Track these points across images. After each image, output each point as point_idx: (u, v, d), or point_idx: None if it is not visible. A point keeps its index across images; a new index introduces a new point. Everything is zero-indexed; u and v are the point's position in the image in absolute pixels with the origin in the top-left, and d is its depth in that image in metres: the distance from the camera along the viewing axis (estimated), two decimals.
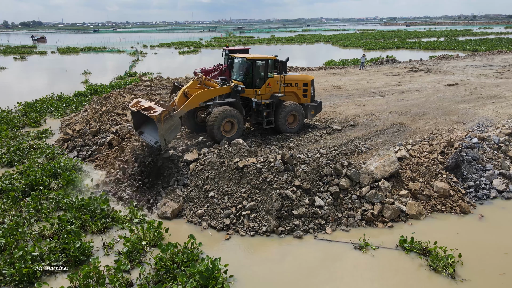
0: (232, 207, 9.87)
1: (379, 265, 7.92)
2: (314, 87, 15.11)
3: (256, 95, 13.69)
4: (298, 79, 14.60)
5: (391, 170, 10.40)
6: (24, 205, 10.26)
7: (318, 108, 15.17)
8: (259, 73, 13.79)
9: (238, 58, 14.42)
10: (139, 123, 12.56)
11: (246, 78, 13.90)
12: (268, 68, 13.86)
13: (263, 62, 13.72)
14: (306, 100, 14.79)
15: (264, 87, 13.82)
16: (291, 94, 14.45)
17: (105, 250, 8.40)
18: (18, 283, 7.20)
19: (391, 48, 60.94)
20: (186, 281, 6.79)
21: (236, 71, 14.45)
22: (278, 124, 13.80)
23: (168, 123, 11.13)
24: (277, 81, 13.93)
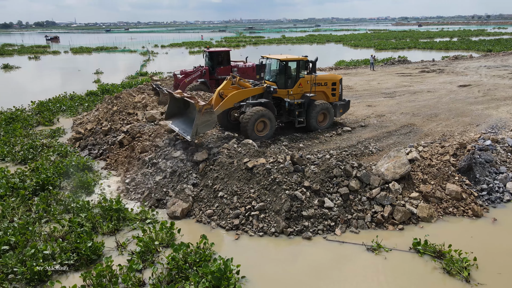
0: (241, 207, 9.88)
1: (392, 268, 7.84)
2: (342, 86, 15.49)
3: (288, 95, 14.08)
4: (327, 79, 14.99)
5: (402, 172, 10.28)
6: (33, 204, 10.40)
7: (346, 107, 15.54)
8: (291, 74, 14.21)
9: (270, 59, 14.78)
10: (173, 112, 13.24)
11: (278, 78, 14.31)
12: (300, 69, 14.19)
13: (295, 63, 14.10)
14: (334, 99, 15.19)
15: (296, 87, 14.21)
16: (320, 93, 14.82)
17: (119, 250, 8.47)
18: (29, 281, 7.30)
19: (403, 48, 60.31)
20: (198, 281, 6.81)
21: (268, 72, 14.89)
22: (309, 123, 14.19)
23: (206, 117, 11.72)
24: (308, 81, 14.30)
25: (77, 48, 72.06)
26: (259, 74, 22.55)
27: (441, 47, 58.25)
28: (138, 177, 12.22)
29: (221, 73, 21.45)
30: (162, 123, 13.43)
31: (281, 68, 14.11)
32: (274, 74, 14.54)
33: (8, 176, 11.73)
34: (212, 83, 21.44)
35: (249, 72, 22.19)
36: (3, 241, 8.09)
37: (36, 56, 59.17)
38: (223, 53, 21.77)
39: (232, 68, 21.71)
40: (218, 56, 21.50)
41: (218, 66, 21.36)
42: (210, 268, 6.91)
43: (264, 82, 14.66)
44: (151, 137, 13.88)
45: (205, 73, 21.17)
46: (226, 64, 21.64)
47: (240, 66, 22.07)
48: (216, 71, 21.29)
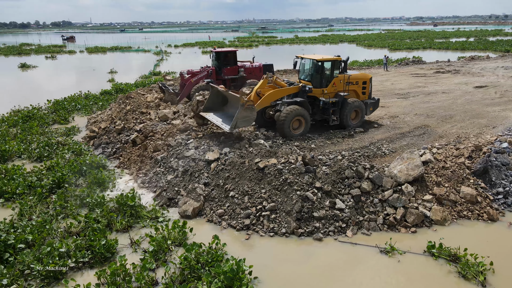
0: (252, 207, 9.88)
1: (406, 271, 7.76)
2: (371, 85, 15.84)
3: (323, 94, 14.47)
4: (359, 78, 15.36)
5: (415, 174, 10.14)
6: (50, 202, 10.61)
7: (376, 105, 15.92)
8: (326, 73, 14.58)
9: (306, 59, 15.14)
10: (211, 106, 13.94)
11: (313, 78, 14.69)
12: (334, 68, 14.62)
13: (330, 62, 14.44)
14: (364, 97, 15.57)
15: (330, 86, 14.61)
16: (351, 92, 15.20)
17: (132, 247, 8.58)
18: (44, 278, 7.43)
19: (418, 48, 59.45)
20: (211, 281, 6.83)
21: (303, 71, 15.30)
22: (343, 121, 14.57)
23: (247, 112, 12.35)
24: (341, 80, 14.71)
25: (92, 48, 73.13)
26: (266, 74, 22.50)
27: (457, 47, 57.23)
28: (150, 175, 12.35)
29: (228, 73, 21.39)
30: (202, 114, 14.06)
31: (317, 68, 14.45)
32: (309, 73, 14.98)
33: (25, 175, 11.98)
34: (219, 83, 21.21)
35: (255, 72, 22.05)
36: (20, 239, 8.25)
37: (52, 56, 60.26)
38: (230, 53, 21.66)
39: (239, 68, 21.59)
40: (225, 56, 21.39)
41: (225, 66, 21.26)
42: (222, 268, 6.92)
43: (300, 81, 15.11)
44: (164, 136, 14.00)
45: (211, 73, 21.11)
46: (233, 64, 21.51)
47: (247, 66, 21.93)
48: (223, 71, 21.20)
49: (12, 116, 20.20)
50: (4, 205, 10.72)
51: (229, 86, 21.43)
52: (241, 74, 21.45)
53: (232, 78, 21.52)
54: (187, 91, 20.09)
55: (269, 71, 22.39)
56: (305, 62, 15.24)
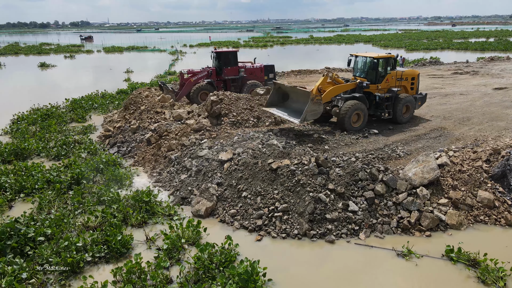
0: (264, 208, 9.89)
1: (425, 275, 7.66)
2: (419, 80, 16.71)
3: (377, 89, 15.27)
4: (408, 74, 16.19)
5: (431, 177, 9.99)
6: (68, 197, 10.86)
7: (423, 100, 16.76)
8: (380, 70, 15.29)
9: (362, 57, 15.90)
10: (273, 101, 14.95)
11: (369, 74, 15.56)
12: (387, 65, 15.43)
13: (384, 60, 15.24)
14: (412, 93, 16.40)
15: (384, 82, 15.40)
16: (402, 87, 16.02)
17: (147, 244, 8.72)
18: (62, 272, 7.61)
19: (436, 49, 58.42)
20: (226, 282, 6.87)
21: (358, 68, 16.12)
22: (395, 115, 15.40)
23: (315, 106, 13.31)
24: (393, 77, 15.56)
25: (109, 48, 74.31)
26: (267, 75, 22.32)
27: (477, 48, 55.99)
28: (164, 175, 12.50)
29: (229, 74, 21.26)
30: (264, 109, 15.08)
31: (373, 65, 15.33)
32: (364, 70, 15.80)
33: (44, 171, 12.27)
34: (219, 84, 21.28)
35: (256, 73, 21.92)
36: (39, 232, 8.46)
37: (71, 55, 61.50)
38: (231, 53, 21.48)
39: (239, 68, 21.46)
40: (226, 57, 21.25)
41: (225, 67, 21.14)
42: (237, 270, 6.94)
43: (356, 78, 15.84)
44: (178, 136, 14.14)
45: (211, 73, 21.04)
46: (233, 65, 21.36)
47: (248, 67, 21.80)
48: (224, 71, 21.10)
49: (31, 114, 20.69)
50: (24, 199, 11.01)
51: (230, 86, 21.33)
52: (241, 74, 21.33)
53: (233, 79, 21.40)
54: (186, 91, 20.19)
55: (271, 72, 22.42)
56: (360, 60, 16.03)
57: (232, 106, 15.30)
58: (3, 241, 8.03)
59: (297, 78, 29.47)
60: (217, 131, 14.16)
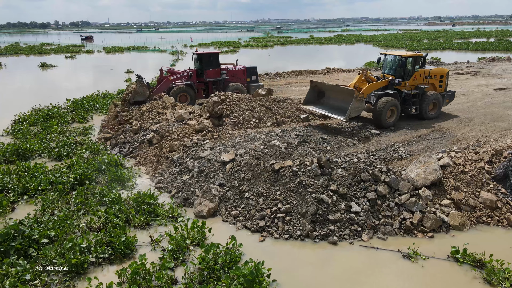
0: (267, 209, 9.91)
1: (431, 276, 7.68)
2: (448, 78, 17.28)
3: (405, 86, 15.96)
4: (436, 72, 16.82)
5: (433, 178, 10.00)
6: (71, 198, 10.88)
7: (452, 97, 17.34)
8: (408, 68, 16.06)
9: (391, 55, 16.66)
10: (310, 99, 15.91)
11: (397, 72, 16.23)
12: (415, 63, 16.11)
13: (412, 58, 15.98)
14: (441, 90, 16.98)
15: (411, 79, 16.05)
16: (430, 85, 16.55)
17: (152, 245, 8.73)
18: (67, 273, 7.62)
19: (436, 49, 58.38)
20: (230, 283, 6.88)
21: (387, 66, 16.89)
22: (422, 111, 16.06)
23: (358, 103, 14.12)
24: (421, 74, 16.17)
25: (110, 48, 74.31)
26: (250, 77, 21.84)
27: (477, 48, 55.97)
28: (166, 175, 12.51)
29: (210, 76, 20.79)
30: (302, 106, 16.02)
31: (401, 63, 16.03)
32: (393, 68, 16.51)
33: (46, 172, 12.28)
34: (200, 86, 20.92)
35: (239, 75, 21.55)
36: (43, 234, 8.47)
37: (72, 55, 61.51)
38: (212, 55, 20.98)
39: (221, 70, 21.12)
40: (207, 59, 20.87)
41: (207, 69, 20.73)
42: (242, 270, 6.96)
43: (384, 75, 16.52)
44: (179, 137, 14.15)
45: (191, 75, 20.54)
46: (215, 67, 20.96)
47: (230, 69, 21.43)
48: (205, 73, 20.69)
49: (33, 114, 20.70)
50: (28, 201, 11.02)
51: (211, 89, 20.92)
52: (223, 76, 20.95)
53: (214, 81, 21.00)
54: (163, 88, 19.83)
55: (253, 74, 21.95)
56: (389, 58, 16.75)
57: (233, 107, 15.31)
58: (7, 242, 8.04)
59: (298, 78, 29.48)
60: (218, 131, 14.17)
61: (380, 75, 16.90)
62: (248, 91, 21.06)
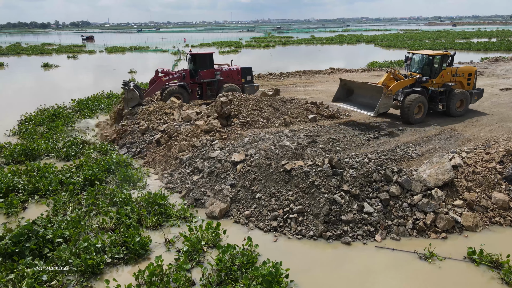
0: (279, 209, 9.90)
1: (449, 277, 7.67)
2: (476, 76, 17.64)
3: (432, 84, 16.46)
4: (464, 70, 17.19)
5: (445, 179, 9.99)
6: (82, 198, 10.87)
7: (480, 95, 17.70)
8: (435, 66, 16.56)
9: (418, 54, 17.16)
10: (340, 96, 16.84)
11: (424, 70, 16.72)
12: (442, 62, 16.54)
13: (439, 57, 16.45)
14: (469, 88, 17.30)
15: (438, 77, 16.54)
16: (457, 82, 16.97)
17: (166, 246, 8.72)
18: (83, 273, 7.62)
19: (438, 49, 58.30)
20: (249, 284, 6.87)
21: (414, 64, 17.37)
22: (449, 108, 16.56)
23: (387, 100, 14.83)
24: (448, 72, 16.64)
25: (111, 48, 74.31)
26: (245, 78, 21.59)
27: (480, 48, 55.98)
28: (176, 176, 12.50)
29: (204, 77, 20.55)
30: (332, 103, 17.25)
31: (428, 61, 16.51)
32: (420, 66, 16.97)
33: (56, 173, 12.28)
34: (194, 87, 20.70)
35: (233, 75, 21.28)
36: (57, 234, 8.47)
37: (74, 55, 61.51)
38: (206, 55, 20.73)
39: (215, 71, 20.87)
40: (201, 59, 20.65)
41: (201, 69, 20.47)
42: (261, 271, 6.94)
43: (411, 73, 17.01)
44: (188, 137, 14.15)
45: (185, 76, 20.14)
46: (209, 67, 20.71)
47: (224, 70, 21.19)
48: (199, 74, 20.45)
49: (39, 114, 20.69)
50: (39, 201, 11.01)
51: (206, 90, 20.81)
52: (217, 77, 20.71)
53: (209, 82, 20.80)
54: (156, 89, 19.66)
55: (248, 75, 21.68)
56: (416, 57, 17.20)
57: (241, 107, 15.31)
58: (22, 243, 8.03)
59: (302, 78, 29.48)
60: (227, 132, 14.16)
61: (407, 73, 17.28)
62: (243, 92, 20.46)
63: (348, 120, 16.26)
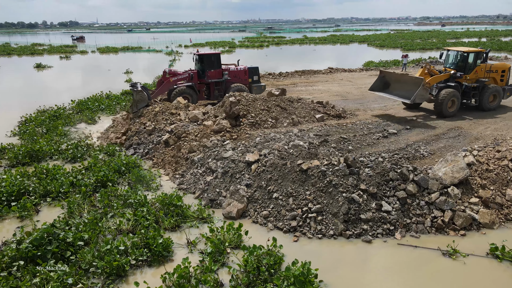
0: (297, 209, 9.90)
1: (474, 273, 7.77)
2: (510, 73, 18.23)
3: (466, 79, 17.25)
4: (498, 67, 17.88)
5: (461, 177, 10.11)
6: (95, 200, 10.73)
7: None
8: (470, 63, 17.35)
9: (453, 51, 18.10)
10: (377, 86, 18.24)
11: (458, 66, 17.57)
12: (477, 58, 17.31)
13: (474, 54, 17.23)
14: (502, 84, 18.00)
15: (472, 73, 17.28)
16: (491, 79, 17.66)
17: (188, 248, 8.65)
18: (108, 276, 7.52)
19: (431, 48, 59.09)
20: (281, 285, 6.84)
21: (448, 60, 18.33)
22: (482, 103, 17.35)
23: (424, 91, 15.86)
24: (482, 69, 17.38)
25: (104, 48, 73.51)
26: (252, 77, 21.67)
27: None
28: (188, 177, 12.42)
29: (212, 77, 20.58)
30: (369, 91, 18.78)
31: (463, 58, 17.40)
32: (455, 62, 17.89)
33: (66, 174, 12.10)
34: (202, 87, 20.76)
35: (240, 75, 21.32)
36: (77, 237, 8.34)
37: (66, 56, 60.67)
38: (213, 56, 20.75)
39: (223, 71, 20.90)
40: (209, 59, 20.65)
41: (208, 69, 20.39)
42: (292, 272, 6.92)
43: (446, 69, 17.94)
44: (198, 137, 14.07)
45: (193, 76, 20.14)
46: (217, 67, 20.72)
47: (231, 69, 21.24)
48: (206, 74, 20.46)
49: (38, 116, 20.35)
50: (51, 204, 10.84)
51: (213, 90, 20.79)
52: (225, 77, 20.74)
53: (216, 82, 20.80)
54: (163, 90, 19.60)
55: (255, 75, 21.77)
56: (451, 53, 18.14)
57: (249, 107, 15.28)
58: (44, 246, 7.89)
59: (302, 78, 29.53)
60: (237, 132, 14.12)
61: (442, 69, 18.16)
62: (250, 92, 20.61)
63: (355, 119, 16.34)
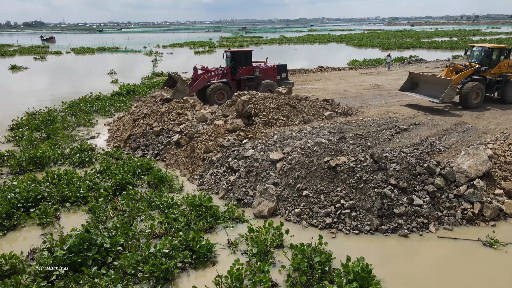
0: (330, 206, 9.90)
1: None
2: None
3: (490, 74, 18.42)
4: None
5: (484, 169, 10.42)
6: (118, 204, 10.32)
7: None
8: (493, 58, 18.47)
9: (478, 47, 19.20)
10: (407, 87, 19.65)
11: (483, 61, 18.60)
12: (500, 54, 18.49)
13: (498, 50, 18.48)
14: None
15: (496, 68, 18.47)
16: None
17: (230, 249, 8.45)
18: (157, 279, 7.23)
19: (408, 48, 60.91)
20: (342, 282, 6.78)
21: (473, 55, 19.35)
22: (504, 96, 18.64)
23: (452, 91, 17.10)
24: (505, 64, 18.56)
25: (79, 49, 71.16)
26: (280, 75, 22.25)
27: (446, 47, 59.00)
28: (208, 177, 12.18)
29: (243, 74, 21.20)
30: (399, 91, 20.25)
31: (487, 53, 18.43)
32: (479, 57, 18.92)
33: (81, 179, 11.58)
34: (234, 84, 21.15)
35: (270, 72, 21.86)
36: (114, 242, 7.98)
37: (41, 57, 58.19)
38: (245, 53, 21.39)
39: (254, 68, 21.41)
40: (240, 56, 21.20)
41: (239, 66, 21.06)
42: (353, 269, 6.88)
43: (471, 64, 18.98)
44: (212, 137, 13.82)
45: (227, 73, 20.86)
46: (248, 65, 21.31)
47: (262, 67, 21.72)
48: (238, 71, 20.96)
49: (29, 120, 19.37)
50: (70, 209, 10.33)
51: (244, 86, 21.20)
52: (256, 74, 21.26)
53: (247, 78, 21.36)
54: (198, 86, 19.93)
55: (283, 72, 22.41)
56: (476, 49, 19.24)
57: (261, 106, 15.17)
58: (84, 252, 7.50)
59: (295, 77, 29.64)
60: (251, 131, 13.97)
61: (467, 64, 19.21)
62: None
63: (361, 116, 16.55)
